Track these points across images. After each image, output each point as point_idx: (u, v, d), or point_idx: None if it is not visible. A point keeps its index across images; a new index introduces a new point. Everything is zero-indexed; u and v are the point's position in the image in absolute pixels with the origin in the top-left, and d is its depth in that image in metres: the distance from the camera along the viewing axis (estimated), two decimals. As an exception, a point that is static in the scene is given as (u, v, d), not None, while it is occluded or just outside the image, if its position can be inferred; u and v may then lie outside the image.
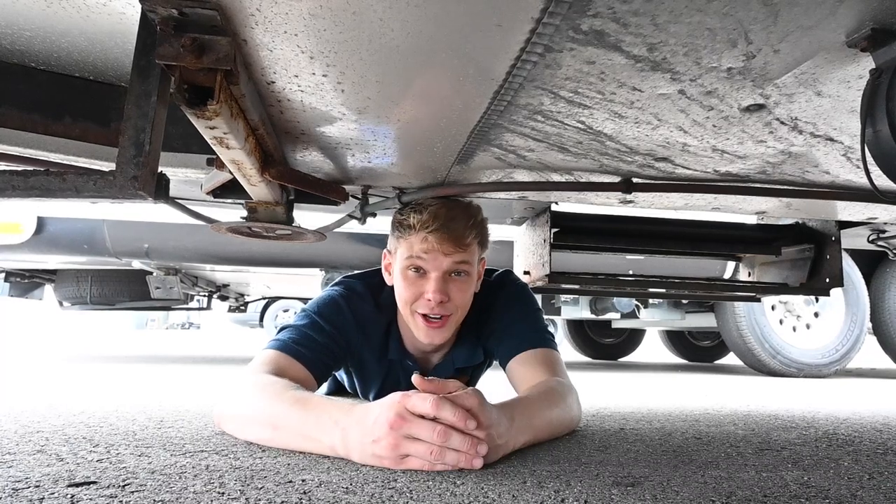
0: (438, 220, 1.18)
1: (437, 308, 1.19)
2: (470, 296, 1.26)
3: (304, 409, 0.96)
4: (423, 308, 1.20)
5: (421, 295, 1.20)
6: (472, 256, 1.23)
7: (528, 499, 0.73)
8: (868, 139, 0.76)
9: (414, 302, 1.22)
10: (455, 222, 1.20)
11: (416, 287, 1.21)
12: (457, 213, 1.22)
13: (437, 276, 1.19)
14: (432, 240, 1.18)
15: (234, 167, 0.95)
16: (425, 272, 1.21)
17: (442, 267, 1.20)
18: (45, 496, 0.69)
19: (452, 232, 1.19)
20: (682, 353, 6.43)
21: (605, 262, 3.36)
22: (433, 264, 1.20)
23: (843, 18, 0.64)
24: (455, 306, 1.22)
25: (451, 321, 1.24)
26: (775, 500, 0.76)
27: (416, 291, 1.21)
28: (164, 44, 0.64)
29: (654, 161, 1.15)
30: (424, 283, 1.20)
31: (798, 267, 1.95)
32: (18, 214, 3.30)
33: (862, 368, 5.29)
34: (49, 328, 12.50)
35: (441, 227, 1.18)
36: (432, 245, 1.18)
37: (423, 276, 1.21)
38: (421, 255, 1.20)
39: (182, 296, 4.16)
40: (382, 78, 0.79)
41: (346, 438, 0.88)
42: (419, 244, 1.19)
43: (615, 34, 0.67)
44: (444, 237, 1.18)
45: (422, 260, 1.20)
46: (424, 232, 1.18)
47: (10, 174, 0.78)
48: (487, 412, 0.88)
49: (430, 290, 1.18)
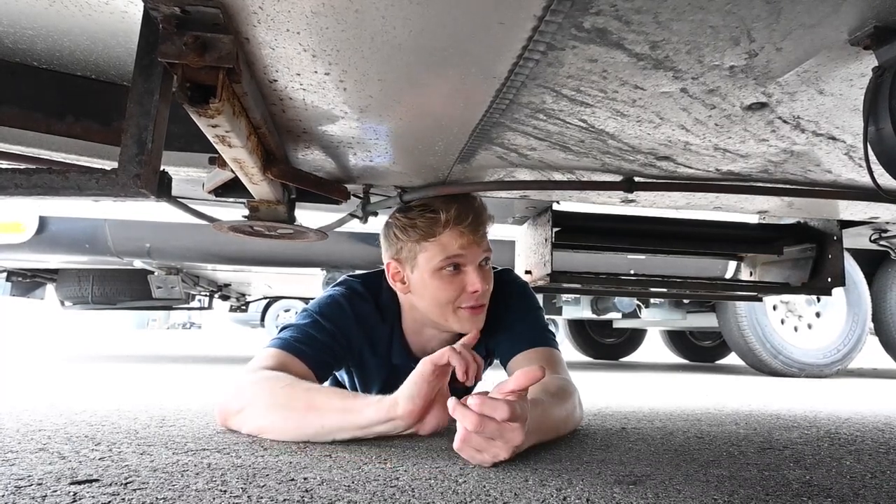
0: (465, 214, 1.21)
1: (482, 297, 1.23)
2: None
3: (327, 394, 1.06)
4: (469, 301, 1.22)
5: (462, 290, 1.21)
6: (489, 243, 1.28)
7: (530, 497, 0.73)
8: (870, 138, 0.76)
9: (457, 299, 1.22)
10: (475, 214, 1.23)
11: (455, 284, 1.21)
12: (471, 205, 1.25)
13: (474, 266, 1.22)
14: (468, 233, 1.20)
15: (235, 166, 0.95)
16: (460, 267, 1.22)
17: (478, 258, 1.23)
18: (48, 494, 0.69)
19: (480, 223, 1.23)
20: (683, 353, 6.42)
21: (606, 262, 3.36)
22: (471, 258, 1.21)
23: (845, 16, 0.64)
24: (489, 292, 1.27)
25: (486, 308, 1.27)
26: (777, 498, 0.76)
27: (457, 288, 1.21)
28: (166, 42, 0.63)
29: (656, 160, 1.15)
30: (463, 277, 1.21)
31: (800, 266, 1.94)
32: (20, 214, 3.31)
33: (863, 369, 5.28)
34: (50, 328, 12.52)
35: (472, 220, 1.21)
36: (470, 239, 1.20)
37: (458, 272, 1.22)
38: (461, 252, 1.20)
39: (183, 295, 4.16)
40: (384, 76, 0.79)
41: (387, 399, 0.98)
42: (457, 240, 1.20)
43: (617, 32, 0.67)
44: (477, 229, 1.21)
45: (461, 256, 1.21)
46: (460, 227, 1.19)
47: (13, 172, 0.78)
48: (521, 409, 0.88)
49: (473, 282, 1.20)
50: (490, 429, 0.85)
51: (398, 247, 1.26)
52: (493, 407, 0.84)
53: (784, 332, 3.87)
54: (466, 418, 0.85)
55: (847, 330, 3.87)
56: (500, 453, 0.87)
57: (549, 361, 1.25)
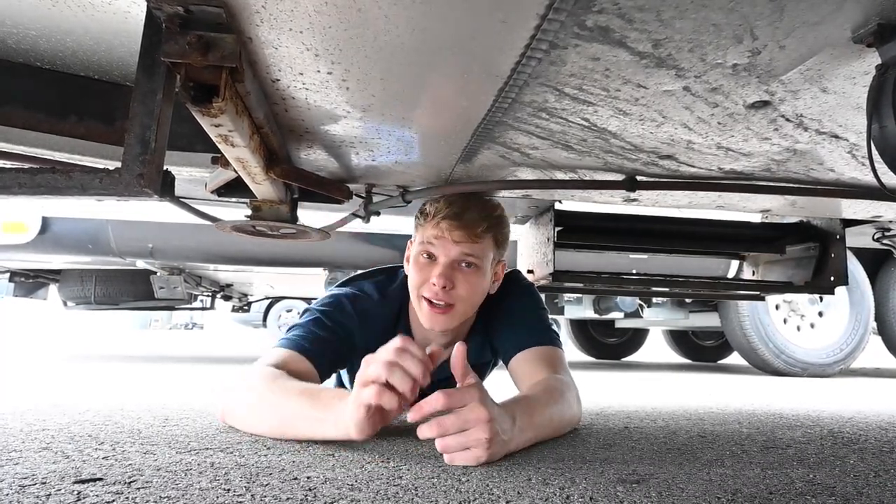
0: (453, 208, 1.22)
1: (440, 294, 1.20)
2: (478, 290, 1.26)
3: (310, 396, 1.01)
4: (428, 292, 1.22)
5: (428, 279, 1.22)
6: (483, 251, 1.23)
7: (533, 496, 0.73)
8: (874, 136, 0.76)
9: (421, 286, 1.23)
10: (469, 213, 1.22)
11: (425, 272, 1.23)
12: (473, 204, 1.25)
13: (445, 262, 1.21)
14: (443, 226, 1.21)
15: (238, 165, 0.95)
16: (435, 258, 1.23)
17: (450, 255, 1.21)
18: (52, 493, 0.69)
19: (464, 221, 1.21)
20: (685, 352, 6.41)
21: (608, 261, 3.35)
22: (442, 251, 1.22)
23: (848, 14, 0.64)
24: (459, 296, 1.22)
25: (456, 312, 1.24)
26: (781, 497, 0.76)
27: (424, 276, 1.23)
28: (169, 41, 0.64)
29: (659, 159, 1.15)
30: (433, 268, 1.22)
31: (802, 265, 1.94)
32: (23, 214, 3.31)
33: (866, 368, 5.27)
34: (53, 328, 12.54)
35: (453, 215, 1.21)
36: (442, 232, 1.21)
37: (433, 263, 1.23)
38: (432, 241, 1.22)
39: (185, 295, 4.17)
40: (387, 75, 0.79)
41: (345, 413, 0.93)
42: (431, 230, 1.22)
43: (620, 30, 0.67)
44: (455, 225, 1.20)
45: (432, 246, 1.22)
46: (438, 218, 1.21)
47: (17, 172, 0.78)
48: (490, 407, 0.89)
49: (436, 273, 1.20)
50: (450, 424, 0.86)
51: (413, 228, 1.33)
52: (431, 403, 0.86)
53: (787, 331, 3.87)
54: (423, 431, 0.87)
55: (850, 329, 3.86)
56: (480, 436, 0.86)
57: (551, 360, 1.25)
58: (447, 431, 0.87)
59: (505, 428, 0.92)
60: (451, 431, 0.87)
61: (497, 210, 1.30)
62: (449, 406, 0.86)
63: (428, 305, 1.22)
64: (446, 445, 0.88)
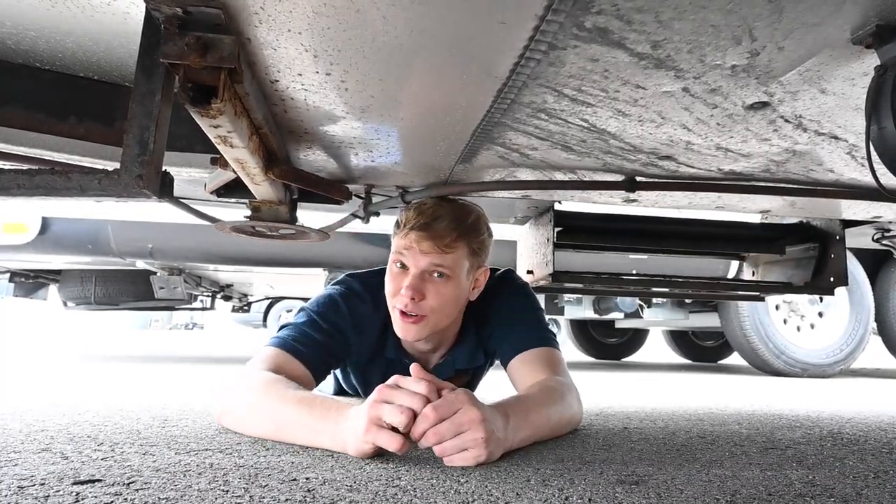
0: (422, 218, 1.19)
1: (410, 305, 1.19)
2: (450, 301, 1.23)
3: (309, 405, 1.00)
4: (399, 303, 1.21)
5: (399, 290, 1.21)
6: (454, 261, 1.20)
7: (532, 497, 0.73)
8: (873, 137, 0.76)
9: (394, 296, 1.22)
10: (438, 222, 1.19)
11: (397, 282, 1.22)
12: (445, 213, 1.21)
13: (415, 273, 1.20)
14: (412, 237, 1.19)
15: (237, 166, 0.96)
16: (407, 268, 1.22)
17: (420, 265, 1.20)
18: (51, 494, 0.69)
19: (432, 232, 1.18)
20: (685, 353, 6.41)
21: (608, 262, 3.35)
22: (412, 261, 1.20)
23: (847, 15, 0.64)
24: (430, 307, 1.20)
25: (428, 322, 1.22)
26: (780, 498, 0.76)
27: (396, 286, 1.22)
28: (168, 42, 0.64)
29: (658, 159, 1.15)
30: (404, 278, 1.21)
31: (802, 266, 1.94)
32: (23, 214, 3.32)
33: (866, 368, 5.27)
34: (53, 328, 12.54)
35: (422, 225, 1.19)
36: (410, 242, 1.19)
37: (404, 273, 1.22)
38: (402, 252, 1.21)
39: (185, 296, 4.17)
40: (385, 76, 0.79)
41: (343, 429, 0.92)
42: (401, 240, 1.21)
43: (619, 31, 0.67)
44: (423, 236, 1.18)
45: (403, 256, 1.21)
46: (407, 228, 1.20)
47: (16, 173, 0.78)
48: (480, 408, 0.89)
49: (405, 284, 1.19)
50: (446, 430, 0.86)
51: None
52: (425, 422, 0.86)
53: (787, 331, 3.87)
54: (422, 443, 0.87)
55: (850, 330, 3.86)
56: (476, 436, 0.87)
57: (549, 362, 1.25)
58: (444, 437, 0.87)
59: (499, 426, 0.92)
60: (448, 437, 0.87)
61: (470, 217, 1.26)
62: (441, 418, 0.86)
63: (400, 315, 1.21)
64: (444, 449, 0.87)
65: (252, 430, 1.09)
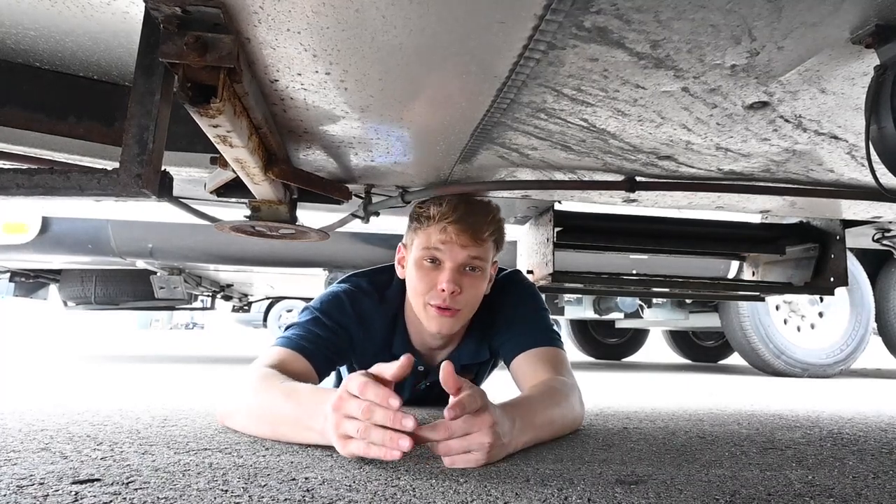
0: (458, 212, 1.20)
1: (448, 300, 1.20)
2: (480, 293, 1.27)
3: (297, 399, 0.99)
4: (436, 299, 1.21)
5: (434, 286, 1.21)
6: (486, 253, 1.24)
7: (531, 497, 0.73)
8: (872, 136, 0.76)
9: (427, 293, 1.22)
10: (474, 216, 1.21)
11: (430, 278, 1.22)
12: (476, 207, 1.24)
13: (452, 266, 1.20)
14: (451, 231, 1.19)
15: (237, 166, 0.95)
16: (440, 263, 1.22)
17: (458, 259, 1.21)
18: (50, 493, 0.69)
19: (471, 225, 1.20)
20: (685, 353, 6.41)
21: (608, 262, 3.35)
22: (449, 255, 1.21)
23: (847, 15, 0.64)
24: (465, 301, 1.23)
25: (461, 315, 1.24)
26: (779, 498, 0.76)
27: (430, 282, 1.22)
28: (167, 42, 0.64)
29: (658, 159, 1.15)
30: (438, 274, 1.21)
31: (802, 266, 1.94)
32: (24, 214, 3.32)
33: (867, 369, 5.26)
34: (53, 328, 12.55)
35: (460, 219, 1.19)
36: (450, 236, 1.20)
37: (437, 268, 1.22)
38: (438, 247, 1.21)
39: (186, 296, 4.17)
40: (385, 76, 0.79)
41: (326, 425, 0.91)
42: (437, 235, 1.21)
43: (618, 31, 0.67)
44: (462, 229, 1.19)
45: (438, 251, 1.21)
46: (444, 223, 1.20)
47: (15, 172, 0.78)
48: (492, 410, 0.88)
49: (443, 280, 1.19)
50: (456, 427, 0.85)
51: (407, 232, 1.31)
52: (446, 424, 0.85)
53: (787, 332, 3.86)
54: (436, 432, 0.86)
55: (850, 330, 3.86)
56: (483, 440, 0.86)
57: (552, 361, 1.25)
58: (453, 434, 0.86)
59: (505, 430, 0.92)
60: (457, 435, 0.86)
61: (497, 212, 1.29)
62: (457, 417, 0.85)
63: (436, 310, 1.22)
64: (449, 448, 0.87)
65: (251, 431, 1.09)
